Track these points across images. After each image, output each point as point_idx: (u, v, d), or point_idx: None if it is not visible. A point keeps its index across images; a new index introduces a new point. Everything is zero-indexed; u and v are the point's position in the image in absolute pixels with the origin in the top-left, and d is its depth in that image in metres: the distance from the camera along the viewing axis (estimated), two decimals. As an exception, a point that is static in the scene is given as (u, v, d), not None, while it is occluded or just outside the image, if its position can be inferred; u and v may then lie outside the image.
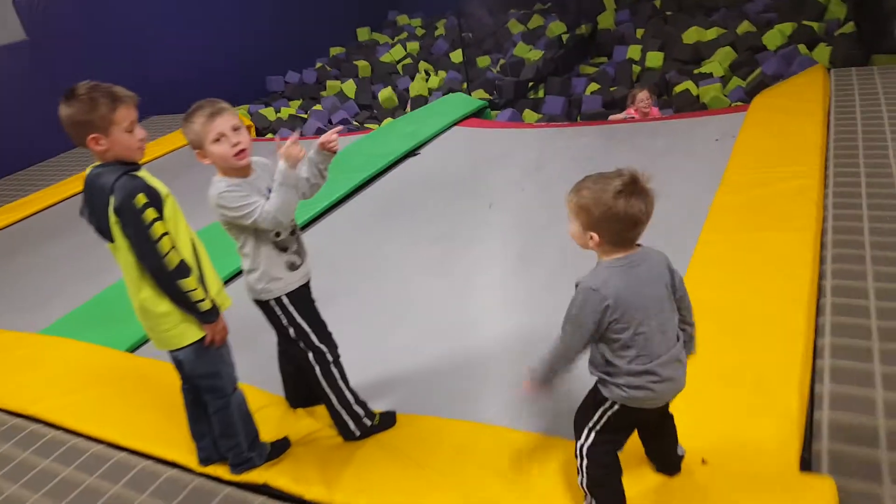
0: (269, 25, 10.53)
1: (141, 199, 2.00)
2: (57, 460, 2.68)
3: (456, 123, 6.14)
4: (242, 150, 2.21)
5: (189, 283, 2.11)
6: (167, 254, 2.05)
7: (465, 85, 7.74)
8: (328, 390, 2.51)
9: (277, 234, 2.31)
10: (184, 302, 2.13)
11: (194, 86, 9.41)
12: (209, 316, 2.18)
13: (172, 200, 2.13)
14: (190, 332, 2.20)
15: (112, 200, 2.01)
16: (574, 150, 5.06)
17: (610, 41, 8.78)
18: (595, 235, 1.74)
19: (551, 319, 1.89)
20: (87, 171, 2.13)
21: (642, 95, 5.62)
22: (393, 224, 4.44)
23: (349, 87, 9.46)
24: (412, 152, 5.59)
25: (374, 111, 8.62)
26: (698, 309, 1.94)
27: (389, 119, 7.95)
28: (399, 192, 4.93)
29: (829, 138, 4.08)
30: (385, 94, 8.62)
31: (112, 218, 2.03)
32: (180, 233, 2.14)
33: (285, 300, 2.39)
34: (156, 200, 2.05)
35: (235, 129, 2.21)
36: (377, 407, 2.62)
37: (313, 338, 2.46)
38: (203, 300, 2.15)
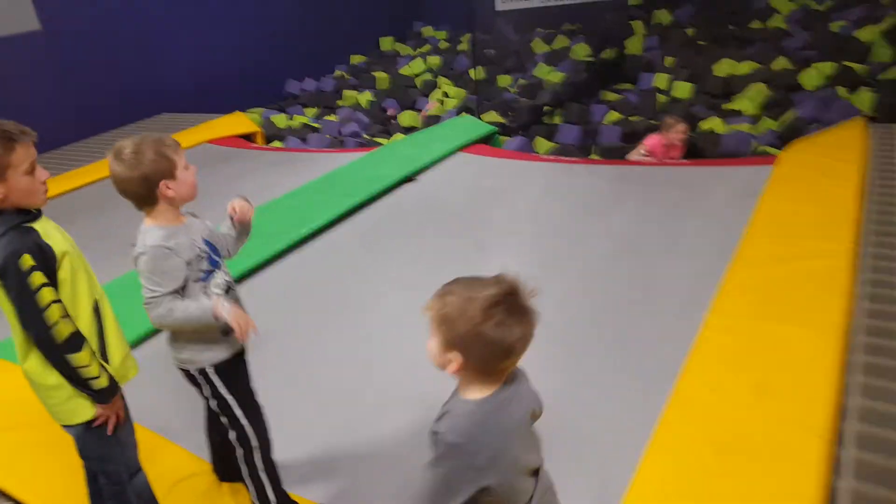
0: (291, 28, 10.27)
1: (27, 260, 1.74)
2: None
3: (461, 148, 5.78)
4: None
5: (80, 358, 1.83)
6: (55, 324, 1.79)
7: (463, 115, 7.34)
8: (247, 479, 2.19)
9: (207, 296, 2.00)
10: (74, 378, 1.86)
11: (208, 85, 9.26)
12: (103, 395, 1.91)
13: (71, 258, 1.86)
14: (82, 410, 1.93)
15: None
16: (579, 192, 4.67)
17: (636, 68, 8.36)
18: (456, 358, 1.36)
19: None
20: None
21: (681, 127, 5.24)
22: (373, 260, 4.07)
23: (365, 98, 9.16)
24: (409, 178, 5.23)
25: (387, 126, 8.29)
26: (692, 422, 1.53)
27: (399, 135, 7.63)
28: (386, 223, 4.58)
29: (866, 209, 3.61)
30: (406, 118, 8.24)
31: None
32: (79, 295, 1.88)
33: (210, 371, 2.06)
34: (47, 261, 1.79)
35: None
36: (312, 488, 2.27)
37: (239, 415, 2.11)
38: (97, 378, 1.87)
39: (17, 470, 2.57)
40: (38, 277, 1.76)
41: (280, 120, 8.43)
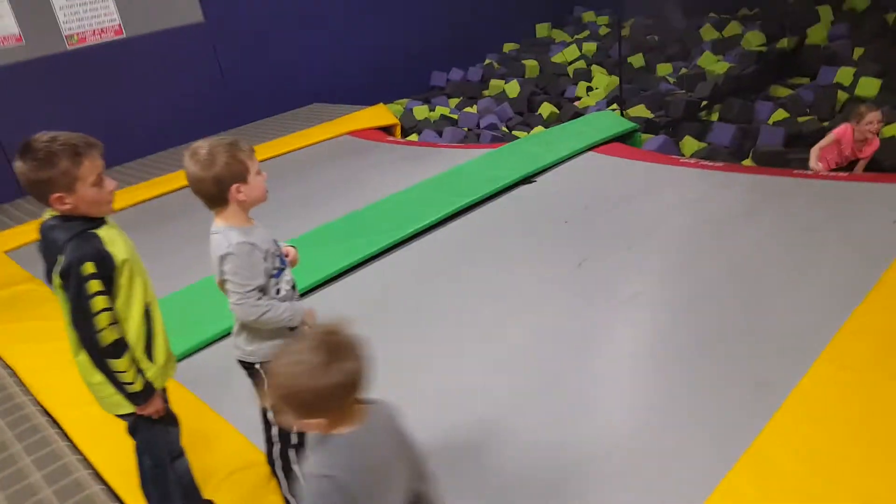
0: (443, 17, 10.16)
1: (88, 267, 1.85)
2: None
3: (593, 147, 5.32)
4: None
5: (119, 364, 1.94)
6: (102, 330, 1.89)
7: (612, 106, 6.78)
8: (280, 472, 2.22)
9: (278, 291, 2.06)
10: (112, 380, 1.97)
11: (357, 76, 9.39)
12: (137, 399, 2.02)
13: (130, 265, 1.96)
14: (124, 404, 2.05)
15: (60, 260, 1.86)
16: (712, 204, 4.09)
17: (817, 60, 7.34)
18: (316, 421, 1.39)
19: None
20: (43, 217, 1.96)
21: (873, 116, 4.31)
22: (469, 267, 3.81)
23: (512, 87, 8.82)
24: (528, 179, 4.88)
25: (526, 118, 7.93)
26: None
27: (540, 128, 7.25)
28: (491, 228, 4.27)
29: None
30: (546, 108, 7.84)
31: (56, 280, 1.89)
32: (133, 299, 1.99)
33: None
34: (106, 270, 1.89)
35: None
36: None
37: None
38: (132, 383, 1.98)
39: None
40: (94, 285, 1.86)
41: (420, 111, 8.32)
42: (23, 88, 6.73)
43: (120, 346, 1.93)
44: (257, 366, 2.09)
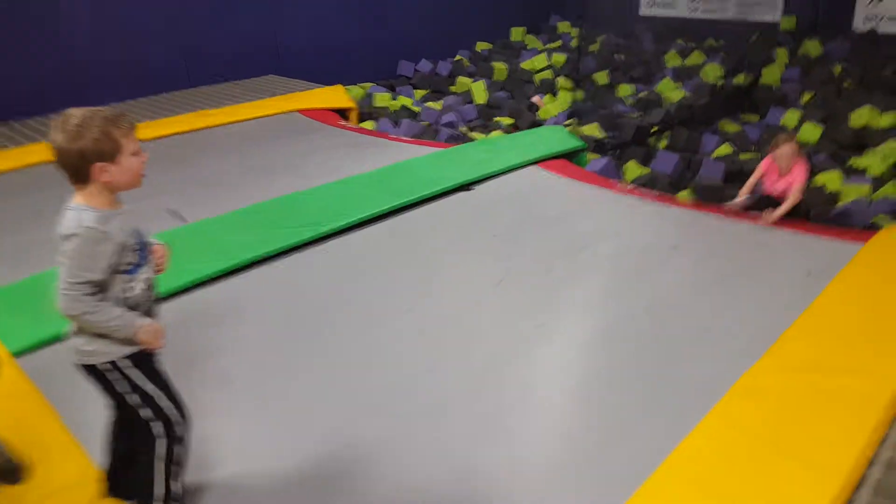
0: (422, 5, 10.15)
1: None
2: None
3: (538, 162, 5.42)
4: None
5: None
6: None
7: (571, 119, 6.88)
8: (158, 473, 2.05)
9: (130, 290, 1.90)
10: None
11: (323, 53, 9.32)
12: None
13: None
14: None
15: None
16: (637, 237, 4.21)
17: (768, 99, 7.59)
18: None
19: None
20: None
21: (788, 147, 4.22)
22: (387, 274, 3.82)
23: (479, 87, 8.88)
24: (467, 186, 4.95)
25: (486, 121, 7.99)
26: None
27: (498, 132, 7.33)
28: (418, 232, 4.32)
29: None
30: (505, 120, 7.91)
31: None
32: None
33: (124, 364, 1.93)
34: None
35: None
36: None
37: (165, 405, 2.01)
38: None
39: None
40: None
41: (382, 98, 8.32)
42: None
43: None
44: (103, 367, 1.92)
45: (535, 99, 8.28)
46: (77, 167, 1.79)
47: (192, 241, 3.93)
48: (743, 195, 4.44)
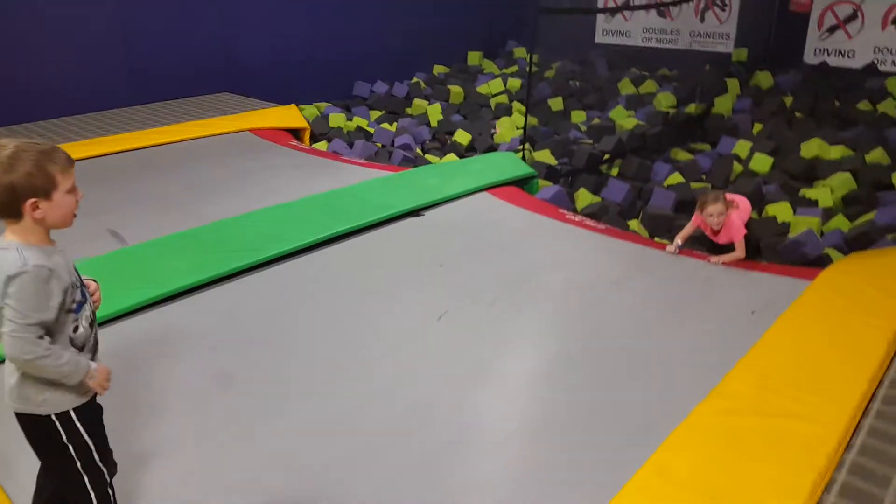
0: (379, 26, 10.07)
1: None
2: None
3: (489, 188, 5.34)
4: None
5: None
6: None
7: (524, 145, 6.84)
8: None
9: (76, 329, 1.81)
10: None
11: (278, 70, 9.14)
12: None
13: None
14: None
15: None
16: (584, 270, 4.14)
17: (720, 129, 7.67)
18: None
19: None
20: None
21: (714, 208, 4.07)
22: (325, 305, 3.66)
23: (434, 110, 8.81)
24: (417, 212, 4.84)
25: (442, 144, 7.92)
26: None
27: (452, 156, 7.25)
28: (365, 259, 4.19)
29: (887, 371, 2.90)
30: (461, 136, 7.85)
31: None
32: None
33: (73, 415, 1.83)
34: None
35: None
36: None
37: (97, 459, 1.91)
38: None
39: None
40: None
41: (337, 119, 8.19)
42: None
43: None
44: (49, 417, 1.81)
45: (496, 129, 8.25)
46: (6, 202, 1.69)
47: (125, 266, 3.76)
48: (675, 245, 4.31)
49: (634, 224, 5.68)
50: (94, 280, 1.98)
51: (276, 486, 2.41)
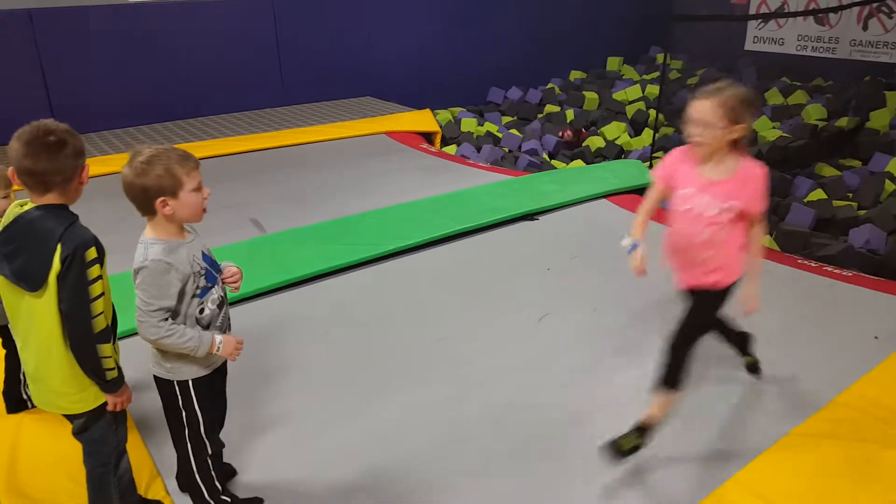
0: (518, 33, 10.19)
1: (92, 252, 1.89)
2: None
3: (608, 195, 5.30)
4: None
5: (106, 349, 1.97)
6: (97, 315, 1.92)
7: (654, 153, 6.69)
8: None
9: (201, 311, 2.05)
10: (93, 368, 1.97)
11: (414, 76, 9.51)
12: (113, 386, 2.03)
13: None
14: (89, 400, 2.05)
15: (60, 249, 1.86)
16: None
17: (873, 145, 7.10)
18: None
19: None
20: (16, 208, 1.96)
21: (702, 105, 3.74)
22: (435, 300, 3.83)
23: (567, 116, 8.80)
24: (531, 215, 4.91)
25: (571, 148, 7.90)
26: None
27: (579, 162, 7.23)
28: (476, 262, 4.31)
29: None
30: (591, 141, 7.81)
31: (56, 266, 1.87)
32: (108, 290, 2.00)
33: (190, 385, 2.11)
34: (102, 257, 1.94)
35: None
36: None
37: (202, 429, 2.18)
38: (113, 369, 2.01)
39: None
40: (95, 270, 1.90)
41: (468, 124, 8.38)
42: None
43: (108, 332, 1.97)
44: (173, 383, 2.08)
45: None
46: (141, 200, 1.94)
47: (262, 251, 4.17)
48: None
49: (766, 240, 5.41)
50: (237, 268, 2.20)
51: (372, 462, 2.59)
